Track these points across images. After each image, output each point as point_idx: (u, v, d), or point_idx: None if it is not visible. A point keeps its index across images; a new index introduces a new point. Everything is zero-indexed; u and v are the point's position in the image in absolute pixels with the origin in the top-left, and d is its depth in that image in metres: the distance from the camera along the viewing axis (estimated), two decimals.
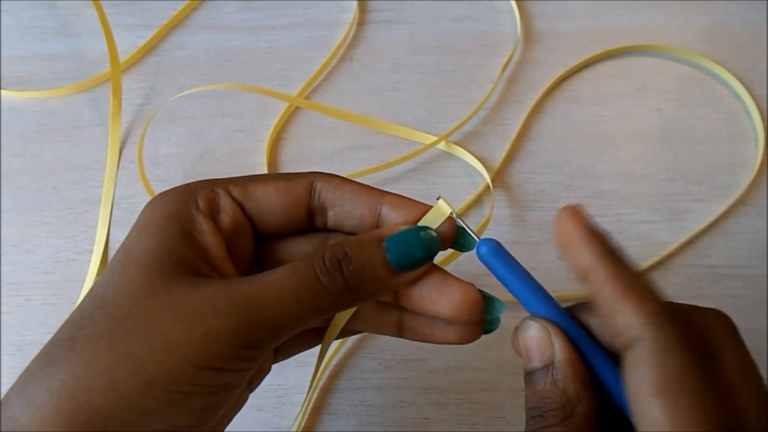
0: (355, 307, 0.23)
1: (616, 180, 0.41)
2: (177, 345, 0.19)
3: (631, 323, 0.19)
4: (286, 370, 0.36)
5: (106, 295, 0.21)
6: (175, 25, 0.46)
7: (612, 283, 0.20)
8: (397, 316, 0.25)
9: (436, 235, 0.23)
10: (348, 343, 0.37)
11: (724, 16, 0.45)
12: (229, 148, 0.42)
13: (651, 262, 0.38)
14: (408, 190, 0.41)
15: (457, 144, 0.41)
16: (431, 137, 0.41)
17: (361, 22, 0.46)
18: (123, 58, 0.44)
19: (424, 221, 0.23)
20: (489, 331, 0.24)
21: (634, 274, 0.20)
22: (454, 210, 0.23)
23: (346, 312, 0.24)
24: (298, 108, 0.43)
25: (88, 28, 0.46)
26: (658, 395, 0.18)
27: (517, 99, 0.43)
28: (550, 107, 0.43)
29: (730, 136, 0.42)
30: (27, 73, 0.44)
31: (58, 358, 0.19)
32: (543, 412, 0.21)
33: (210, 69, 0.44)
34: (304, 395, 0.36)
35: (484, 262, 0.23)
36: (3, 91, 0.43)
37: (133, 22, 0.46)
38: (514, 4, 0.45)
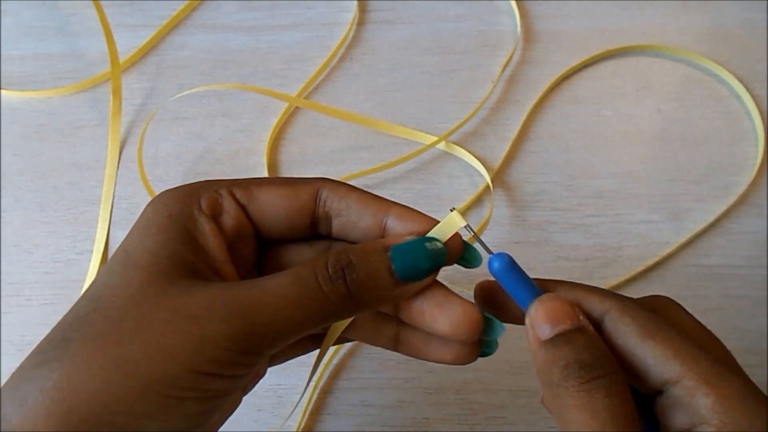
0: (356, 315, 0.23)
1: (616, 180, 0.41)
2: (172, 349, 0.19)
3: (593, 303, 0.22)
4: (287, 371, 0.36)
5: (103, 296, 0.20)
6: (176, 25, 0.46)
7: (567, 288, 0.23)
8: (394, 329, 0.25)
9: (442, 246, 0.22)
10: (348, 343, 0.37)
11: (724, 16, 0.45)
12: (229, 148, 0.42)
13: (651, 262, 0.38)
14: (408, 190, 0.41)
15: (457, 144, 0.41)
16: (431, 137, 0.41)
17: (361, 22, 0.46)
18: (123, 58, 0.44)
19: (434, 232, 0.23)
20: (486, 354, 0.24)
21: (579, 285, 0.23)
22: (467, 223, 0.23)
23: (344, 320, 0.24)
24: (298, 108, 0.43)
25: (88, 28, 0.46)
26: (646, 338, 0.21)
27: (517, 99, 0.43)
28: (550, 107, 0.43)
29: (730, 136, 0.42)
30: (27, 73, 0.44)
31: (51, 359, 0.19)
32: (593, 362, 0.20)
33: (210, 69, 0.44)
34: (305, 396, 0.36)
35: (496, 276, 0.23)
36: (3, 91, 0.44)
37: (133, 22, 0.46)
38: (514, 5, 0.45)
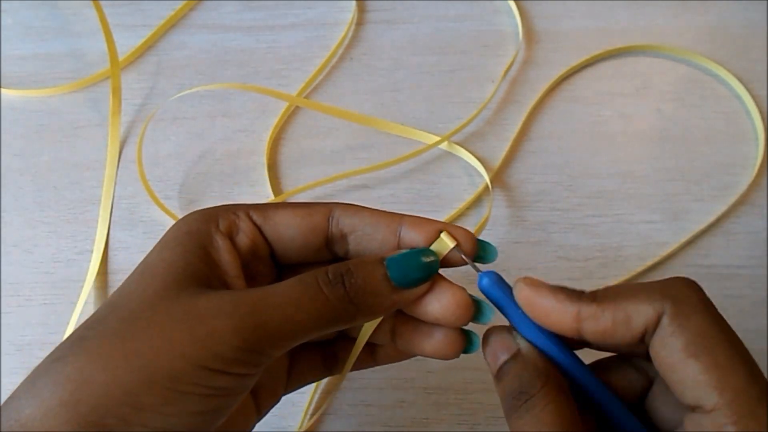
0: (360, 322, 0.24)
1: (616, 180, 0.41)
2: (179, 344, 0.20)
3: (645, 311, 0.21)
4: None
5: (120, 301, 0.22)
6: (176, 25, 0.46)
7: (601, 302, 0.22)
8: (391, 322, 0.26)
9: (435, 257, 0.24)
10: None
11: (724, 16, 0.45)
12: (229, 148, 0.42)
13: (651, 262, 0.38)
14: (408, 190, 0.41)
15: (458, 144, 0.41)
16: (431, 137, 0.41)
17: (361, 22, 0.46)
18: (122, 58, 0.44)
19: (432, 248, 0.24)
20: (468, 351, 0.25)
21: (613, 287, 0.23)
22: (458, 244, 0.24)
23: (371, 323, 0.25)
24: (298, 108, 0.43)
25: (88, 28, 0.46)
26: (692, 356, 0.20)
27: (517, 99, 0.43)
28: (550, 107, 0.43)
29: (730, 136, 0.42)
30: (27, 73, 0.44)
31: (66, 354, 0.20)
32: (522, 387, 0.22)
33: (210, 69, 0.44)
34: (305, 395, 0.36)
35: (484, 293, 0.24)
36: (3, 91, 0.43)
37: (133, 22, 0.46)
38: (513, 6, 0.45)
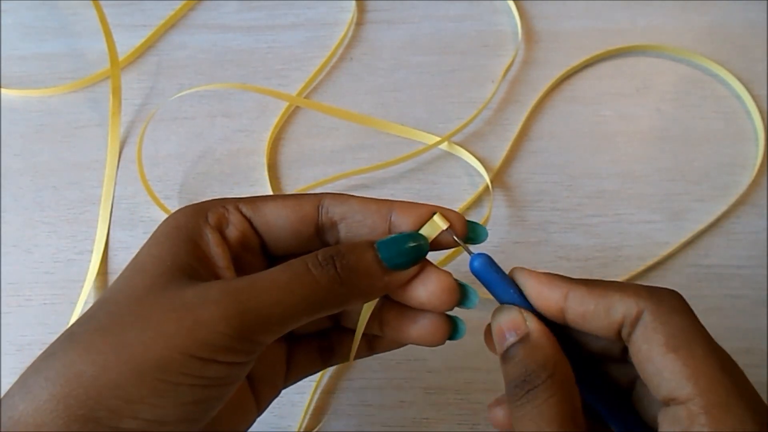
0: (351, 305, 0.23)
1: (616, 180, 0.41)
2: (167, 334, 0.20)
3: (627, 304, 0.22)
4: None
5: (110, 297, 0.22)
6: (176, 25, 0.46)
7: (591, 287, 0.23)
8: (377, 311, 0.26)
9: (425, 239, 0.24)
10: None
11: (724, 16, 0.45)
12: (229, 148, 0.42)
13: (651, 262, 0.38)
14: (408, 190, 0.41)
15: (458, 144, 0.41)
16: (432, 137, 0.41)
17: (361, 22, 0.46)
18: (122, 58, 0.44)
19: (423, 231, 0.24)
20: (453, 338, 0.25)
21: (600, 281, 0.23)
22: (450, 225, 0.24)
23: (368, 309, 0.25)
24: (298, 108, 0.43)
25: (88, 28, 0.46)
26: (672, 349, 0.20)
27: (518, 99, 0.43)
28: (550, 107, 0.43)
29: (730, 136, 0.42)
30: (27, 73, 0.44)
31: (56, 350, 0.20)
32: (527, 376, 0.22)
33: (210, 69, 0.44)
34: (305, 395, 0.36)
35: (476, 274, 0.24)
36: (3, 90, 0.43)
37: (133, 22, 0.46)
38: (513, 6, 0.45)
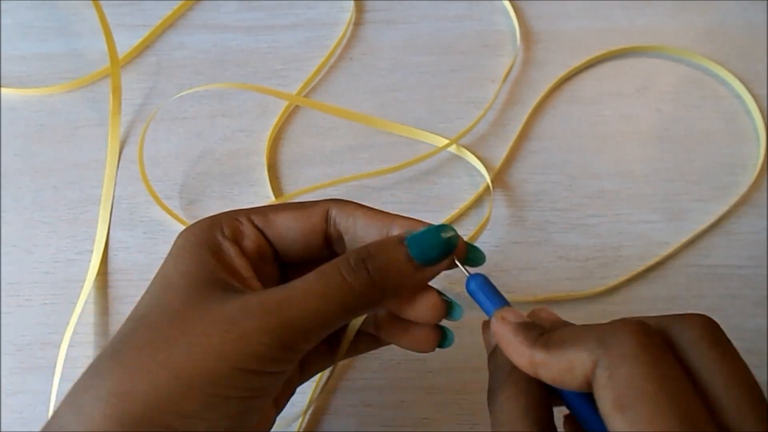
0: (385, 303, 0.24)
1: (616, 180, 0.41)
2: (214, 348, 0.20)
3: (581, 358, 0.19)
4: None
5: (147, 314, 0.22)
6: (176, 25, 0.46)
7: (549, 348, 0.20)
8: (374, 314, 0.27)
9: (454, 232, 0.24)
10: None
11: (724, 16, 0.45)
12: (229, 148, 0.42)
13: (651, 262, 0.38)
14: (408, 190, 0.41)
15: (458, 144, 0.41)
16: (432, 136, 0.41)
17: (361, 22, 0.46)
18: (124, 61, 0.44)
19: None
20: (442, 346, 0.26)
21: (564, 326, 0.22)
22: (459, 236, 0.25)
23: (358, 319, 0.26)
24: (297, 108, 0.43)
25: (88, 28, 0.46)
26: (618, 410, 0.18)
27: (518, 99, 0.43)
28: (551, 107, 0.43)
29: (730, 136, 0.42)
30: (27, 73, 0.44)
31: (103, 369, 0.21)
32: (491, 382, 0.23)
33: (210, 69, 0.44)
34: (305, 395, 0.36)
35: (471, 296, 0.24)
36: (3, 89, 0.43)
37: (133, 22, 0.46)
38: (509, 7, 0.45)
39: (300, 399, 0.36)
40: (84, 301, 0.38)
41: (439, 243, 0.23)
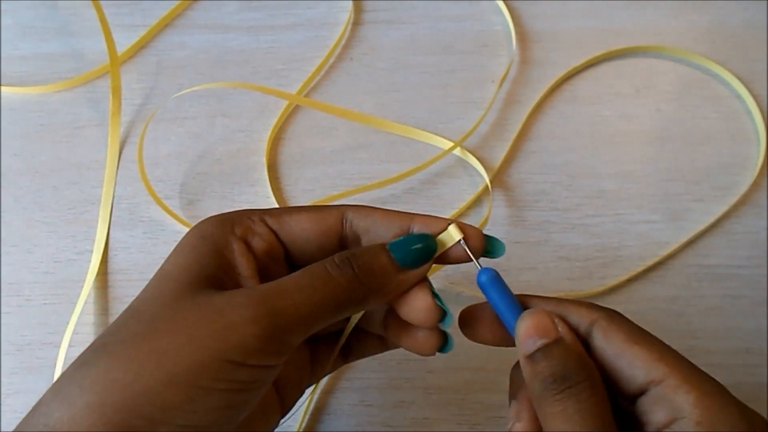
0: (372, 303, 0.24)
1: (616, 180, 0.41)
2: (200, 339, 0.20)
3: (581, 313, 0.24)
4: None
5: (139, 306, 0.22)
6: (176, 25, 0.46)
7: (546, 300, 0.25)
8: (383, 313, 0.27)
9: (433, 240, 0.25)
10: None
11: (724, 16, 0.45)
12: (229, 148, 0.42)
13: (651, 262, 0.38)
14: (408, 190, 0.41)
15: (457, 144, 0.41)
16: (433, 137, 0.41)
17: (361, 22, 0.46)
18: (123, 58, 0.44)
19: (438, 239, 0.25)
20: (443, 350, 0.26)
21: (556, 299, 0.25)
22: (464, 237, 0.25)
23: (356, 315, 0.26)
24: (297, 108, 0.43)
25: (87, 28, 0.46)
26: (632, 342, 0.23)
27: (518, 99, 0.43)
28: (550, 107, 0.43)
29: (730, 136, 0.42)
30: (27, 73, 0.44)
31: (90, 360, 0.21)
32: (566, 373, 0.22)
33: (210, 69, 0.44)
34: (304, 395, 0.36)
35: (481, 288, 0.25)
36: (3, 88, 0.43)
37: (133, 22, 0.46)
38: (503, 7, 0.45)
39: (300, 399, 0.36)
40: (84, 301, 0.38)
41: (418, 249, 0.24)
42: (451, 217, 0.40)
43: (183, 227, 0.39)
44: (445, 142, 0.41)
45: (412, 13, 0.46)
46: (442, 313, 0.25)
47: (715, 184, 0.41)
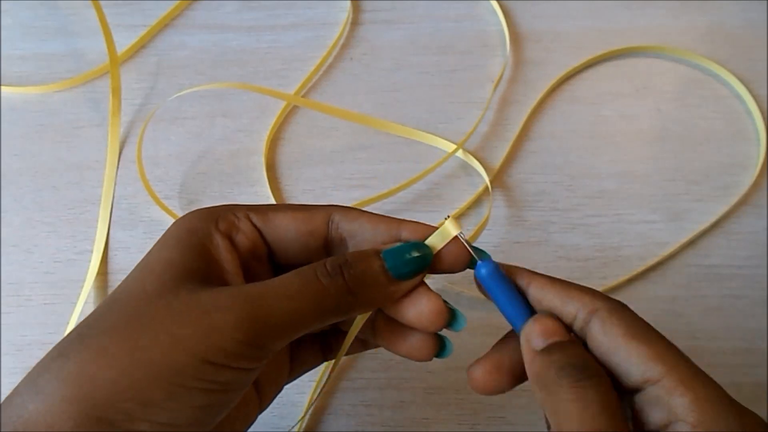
0: (358, 312, 0.24)
1: (616, 180, 0.41)
2: (182, 338, 0.20)
3: (583, 300, 0.23)
4: None
5: (119, 298, 0.22)
6: (176, 24, 0.46)
7: (552, 280, 0.24)
8: (372, 319, 0.26)
9: (429, 250, 0.24)
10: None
11: (724, 16, 0.45)
12: (229, 148, 0.42)
13: (651, 262, 0.38)
14: (408, 190, 0.41)
15: (457, 144, 0.41)
16: (433, 137, 0.41)
17: (360, 22, 0.46)
18: (123, 58, 0.44)
19: (432, 240, 0.24)
20: (440, 356, 0.26)
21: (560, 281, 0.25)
22: (461, 231, 0.24)
23: (361, 317, 0.25)
24: (297, 108, 0.43)
25: (87, 28, 0.46)
26: (631, 338, 0.22)
27: (518, 99, 0.43)
28: (550, 107, 0.43)
29: (730, 136, 0.42)
30: (27, 73, 0.44)
31: (68, 351, 0.20)
32: (586, 365, 0.22)
33: (210, 69, 0.44)
34: (304, 395, 0.36)
35: (482, 282, 0.24)
36: (3, 88, 0.43)
37: (133, 22, 0.46)
38: (497, 7, 0.45)
39: (300, 399, 0.36)
40: (84, 301, 0.38)
41: (413, 259, 0.23)
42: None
43: None
44: (445, 143, 0.41)
45: (412, 13, 0.46)
46: (452, 315, 0.24)
47: (715, 184, 0.41)
